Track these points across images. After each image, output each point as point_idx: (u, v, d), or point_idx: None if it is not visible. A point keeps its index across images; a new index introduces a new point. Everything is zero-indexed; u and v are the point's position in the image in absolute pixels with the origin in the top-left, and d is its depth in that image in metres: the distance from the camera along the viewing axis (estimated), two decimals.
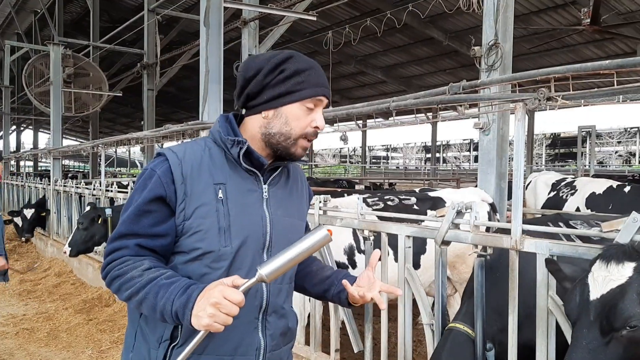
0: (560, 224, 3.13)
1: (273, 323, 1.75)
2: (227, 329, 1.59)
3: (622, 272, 1.98)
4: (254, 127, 1.75)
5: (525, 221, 2.96)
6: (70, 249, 6.49)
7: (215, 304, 1.44)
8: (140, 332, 1.71)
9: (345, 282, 1.79)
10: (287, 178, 1.88)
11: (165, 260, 1.70)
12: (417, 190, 5.55)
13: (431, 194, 5.27)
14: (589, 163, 15.35)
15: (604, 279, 2.00)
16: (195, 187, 1.65)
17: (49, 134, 15.45)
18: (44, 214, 11.44)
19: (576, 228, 3.08)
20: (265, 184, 1.77)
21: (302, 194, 1.94)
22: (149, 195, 1.64)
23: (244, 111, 1.81)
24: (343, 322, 4.16)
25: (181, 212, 1.64)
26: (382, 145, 60.93)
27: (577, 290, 2.10)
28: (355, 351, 4.06)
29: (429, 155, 39.05)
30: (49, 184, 11.62)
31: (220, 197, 1.66)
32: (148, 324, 1.68)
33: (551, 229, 2.85)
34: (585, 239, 2.82)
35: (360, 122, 5.19)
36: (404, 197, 5.06)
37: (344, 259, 4.54)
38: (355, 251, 4.60)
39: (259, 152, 1.75)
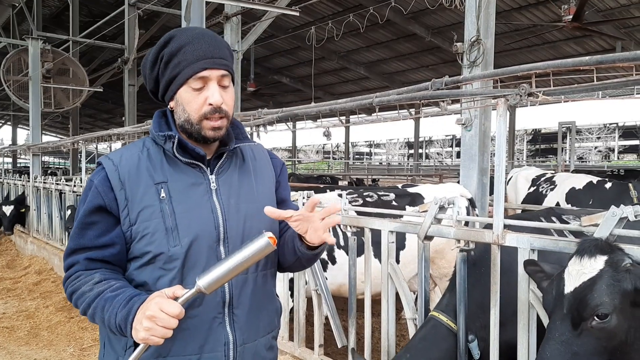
0: (553, 218, 3.17)
1: (241, 316, 1.70)
2: (190, 328, 1.59)
3: (594, 266, 2.02)
4: (176, 119, 1.71)
5: (515, 216, 2.99)
6: None
7: (152, 317, 1.42)
8: (107, 341, 1.70)
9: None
10: (242, 162, 1.80)
11: (121, 269, 1.68)
12: (399, 186, 5.58)
13: (410, 189, 5.30)
14: (569, 159, 15.56)
15: (577, 273, 2.04)
16: (135, 191, 1.62)
17: (28, 130, 15.23)
18: (23, 210, 11.29)
19: (569, 223, 3.12)
20: (212, 174, 1.71)
21: (265, 174, 1.85)
22: (89, 206, 1.63)
23: None
24: (327, 318, 4.17)
25: (126, 218, 1.62)
26: (365, 141, 61.04)
27: (554, 284, 2.14)
28: (339, 346, 4.07)
29: (411, 151, 39.23)
30: (29, 181, 11.46)
31: (163, 197, 1.62)
32: (114, 334, 1.66)
33: (533, 223, 2.88)
34: (564, 233, 2.86)
35: (343, 118, 5.19)
36: (382, 193, 5.08)
37: (323, 254, 4.56)
38: (335, 247, 4.62)
39: (191, 140, 1.69)
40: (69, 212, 6.77)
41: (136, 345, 1.56)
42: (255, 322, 1.74)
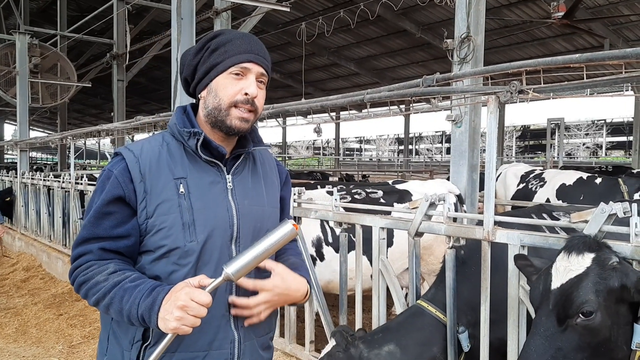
0: (544, 215, 3.19)
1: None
2: (200, 325, 1.57)
3: (581, 263, 2.03)
4: (200, 112, 1.73)
5: (506, 213, 3.00)
6: None
7: (183, 307, 1.43)
8: (112, 335, 1.68)
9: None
10: (253, 165, 1.83)
11: (132, 261, 1.67)
12: (390, 182, 5.59)
13: (398, 186, 5.31)
14: (558, 155, 15.65)
15: (565, 269, 2.05)
16: (154, 184, 1.62)
17: (16, 125, 15.09)
18: (8, 199, 11.23)
19: (559, 219, 3.13)
20: (228, 174, 1.73)
21: (272, 179, 1.88)
22: (108, 196, 1.61)
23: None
24: (318, 314, 4.17)
25: (143, 211, 1.62)
26: (356, 137, 61.11)
27: (541, 279, 2.15)
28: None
29: (401, 147, 39.30)
30: (16, 177, 11.36)
31: (182, 192, 1.63)
32: (120, 327, 1.66)
33: (521, 219, 2.90)
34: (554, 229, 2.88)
35: (333, 114, 5.18)
36: (370, 190, 5.10)
37: (311, 251, 4.57)
38: (323, 243, 4.63)
39: (213, 138, 1.71)
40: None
41: (144, 339, 1.59)
42: (256, 323, 1.75)
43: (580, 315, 1.95)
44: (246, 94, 1.66)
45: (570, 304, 1.97)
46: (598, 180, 6.79)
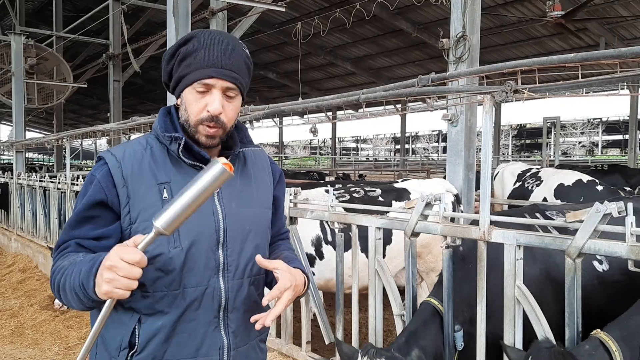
0: (537, 214, 3.20)
1: (235, 320, 1.69)
2: (186, 332, 1.57)
3: None
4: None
5: (502, 212, 3.00)
6: None
7: (112, 267, 1.34)
8: (100, 341, 1.65)
9: (275, 275, 1.65)
10: (243, 166, 1.78)
11: None
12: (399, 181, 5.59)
13: (396, 185, 5.32)
14: (554, 154, 15.67)
15: None
16: (137, 189, 1.59)
17: (11, 126, 15.06)
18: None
19: (553, 219, 3.14)
20: None
21: (264, 179, 1.83)
22: (89, 200, 1.59)
23: None
24: (314, 314, 4.17)
25: (126, 216, 1.59)
26: (352, 137, 61.15)
27: None
28: (327, 342, 4.08)
29: (398, 147, 39.34)
30: (12, 178, 11.34)
31: (165, 197, 1.59)
32: (108, 332, 1.63)
33: (517, 219, 2.90)
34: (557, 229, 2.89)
35: (330, 113, 5.18)
36: (369, 189, 5.11)
37: (311, 250, 4.57)
38: (323, 242, 4.63)
39: (193, 142, 1.66)
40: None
41: (130, 346, 1.56)
42: (248, 326, 1.72)
43: None
44: (208, 111, 1.60)
45: None
46: (599, 188, 6.74)
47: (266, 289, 1.74)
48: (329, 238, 4.63)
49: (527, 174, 7.80)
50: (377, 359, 2.47)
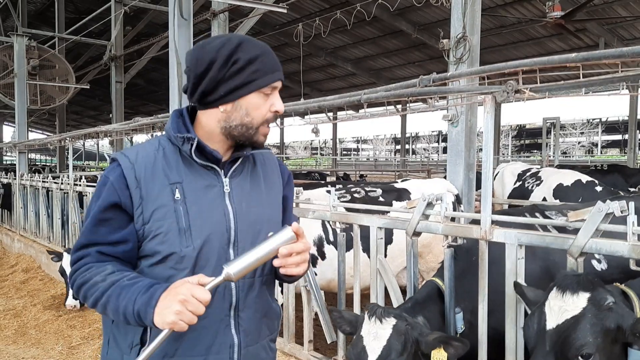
0: (537, 214, 3.22)
1: (246, 319, 1.72)
2: (198, 330, 1.59)
3: (576, 303, 2.02)
4: (212, 121, 1.69)
5: (502, 211, 3.02)
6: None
7: (183, 301, 1.42)
8: (112, 339, 1.69)
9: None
10: (253, 167, 1.82)
11: (131, 265, 1.67)
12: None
13: (396, 185, 5.34)
14: (554, 154, 15.67)
15: (560, 309, 2.04)
16: (150, 190, 1.62)
17: (14, 127, 15.09)
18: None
19: (552, 218, 3.16)
20: (226, 177, 1.72)
21: (274, 180, 1.87)
22: (104, 203, 1.62)
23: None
24: (316, 314, 4.20)
25: (139, 217, 1.62)
26: (353, 137, 61.14)
27: (535, 317, 2.14)
28: (329, 342, 4.10)
29: (398, 147, 39.34)
30: (15, 179, 11.37)
31: (178, 198, 1.63)
32: (119, 330, 1.67)
33: (519, 218, 2.93)
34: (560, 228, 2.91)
35: (331, 114, 5.21)
36: (370, 189, 5.14)
37: (313, 250, 4.59)
38: (325, 242, 4.66)
39: (219, 145, 1.70)
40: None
41: (142, 343, 1.60)
42: (259, 325, 1.76)
43: (579, 357, 1.96)
44: (276, 111, 1.71)
45: (568, 347, 1.97)
46: (598, 188, 6.75)
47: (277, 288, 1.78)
48: (331, 238, 4.65)
49: (527, 174, 7.82)
50: (386, 317, 2.50)
